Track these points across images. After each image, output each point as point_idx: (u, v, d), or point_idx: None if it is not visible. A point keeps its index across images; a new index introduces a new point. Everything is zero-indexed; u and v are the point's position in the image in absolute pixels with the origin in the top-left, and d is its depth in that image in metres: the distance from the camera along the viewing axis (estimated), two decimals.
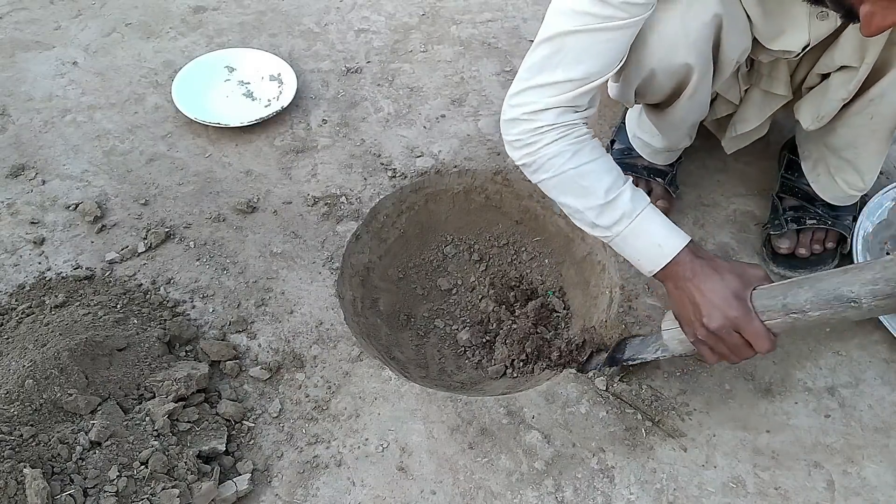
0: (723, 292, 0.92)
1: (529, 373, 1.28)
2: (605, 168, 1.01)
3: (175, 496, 0.92)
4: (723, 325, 0.92)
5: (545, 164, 1.02)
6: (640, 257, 1.01)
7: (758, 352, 0.92)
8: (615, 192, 0.99)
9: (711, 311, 0.93)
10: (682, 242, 0.97)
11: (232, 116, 1.50)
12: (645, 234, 0.99)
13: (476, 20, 1.79)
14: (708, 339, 0.95)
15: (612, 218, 1.00)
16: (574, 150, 1.00)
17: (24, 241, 1.27)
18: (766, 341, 0.91)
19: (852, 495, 1.05)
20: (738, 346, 0.93)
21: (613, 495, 1.03)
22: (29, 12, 1.73)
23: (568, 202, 1.03)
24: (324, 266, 1.28)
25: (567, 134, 1.00)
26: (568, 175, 1.01)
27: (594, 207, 1.00)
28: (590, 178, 1.00)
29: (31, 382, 0.99)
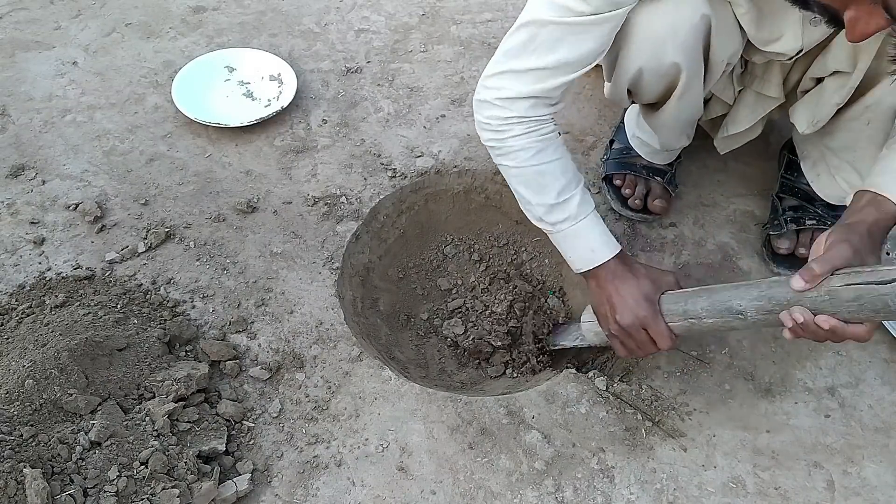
0: (636, 294, 1.02)
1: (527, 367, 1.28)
2: (562, 169, 1.07)
3: (175, 496, 0.92)
4: (632, 323, 1.02)
5: (510, 154, 1.08)
6: (573, 256, 1.11)
7: (660, 348, 1.03)
8: (567, 195, 1.07)
9: (624, 309, 1.03)
10: (613, 252, 1.07)
11: (232, 116, 1.50)
12: (583, 238, 1.08)
13: (476, 20, 1.79)
14: (619, 334, 1.05)
15: (559, 217, 1.08)
16: (539, 148, 1.06)
17: (24, 241, 1.27)
18: (668, 340, 1.01)
19: (852, 495, 1.05)
20: (643, 343, 1.03)
21: (613, 495, 1.03)
22: (29, 12, 1.73)
23: (523, 193, 1.10)
24: (324, 266, 1.28)
25: (535, 130, 1.05)
26: (529, 170, 1.07)
27: (545, 205, 1.08)
28: (547, 178, 1.07)
29: (31, 382, 0.99)
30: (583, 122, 1.53)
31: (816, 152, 1.26)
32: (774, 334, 1.22)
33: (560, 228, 1.08)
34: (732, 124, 1.26)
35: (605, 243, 1.07)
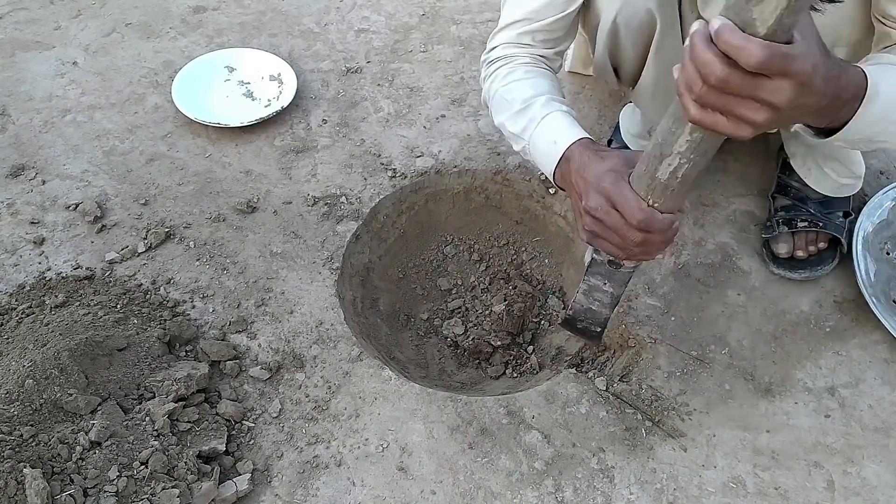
0: (599, 170, 0.86)
1: (530, 372, 1.28)
2: (530, 84, 1.04)
3: (175, 496, 0.92)
4: (597, 203, 0.85)
5: (488, 91, 1.10)
6: (543, 160, 1.00)
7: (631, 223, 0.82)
8: (530, 101, 1.02)
9: (588, 190, 0.87)
10: (574, 137, 0.95)
11: (232, 116, 1.50)
12: (545, 135, 0.99)
13: (476, 20, 1.79)
14: (593, 226, 0.88)
15: (522, 124, 1.02)
16: (508, 72, 1.06)
17: (24, 241, 1.27)
18: (636, 210, 0.81)
19: (852, 495, 1.05)
20: (617, 226, 0.84)
21: (613, 495, 1.03)
22: (29, 12, 1.73)
23: (498, 119, 1.08)
24: (324, 266, 1.28)
25: (507, 63, 1.08)
26: (498, 93, 1.07)
27: (510, 116, 1.04)
28: (513, 93, 1.04)
29: (31, 382, 0.99)
30: (583, 122, 1.51)
31: (803, 148, 1.27)
32: (774, 334, 1.22)
33: (528, 135, 1.02)
34: None
35: (568, 131, 0.97)
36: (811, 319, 1.25)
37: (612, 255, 0.90)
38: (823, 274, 1.28)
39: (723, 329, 1.22)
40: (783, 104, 0.62)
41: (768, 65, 0.58)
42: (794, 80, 0.61)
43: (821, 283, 1.30)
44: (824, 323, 1.25)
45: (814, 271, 1.27)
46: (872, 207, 1.33)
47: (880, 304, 1.22)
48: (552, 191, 1.41)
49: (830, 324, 1.24)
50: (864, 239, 1.29)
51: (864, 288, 1.23)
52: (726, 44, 0.59)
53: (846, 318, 1.25)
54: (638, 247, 0.85)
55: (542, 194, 1.43)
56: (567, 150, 0.95)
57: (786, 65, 0.59)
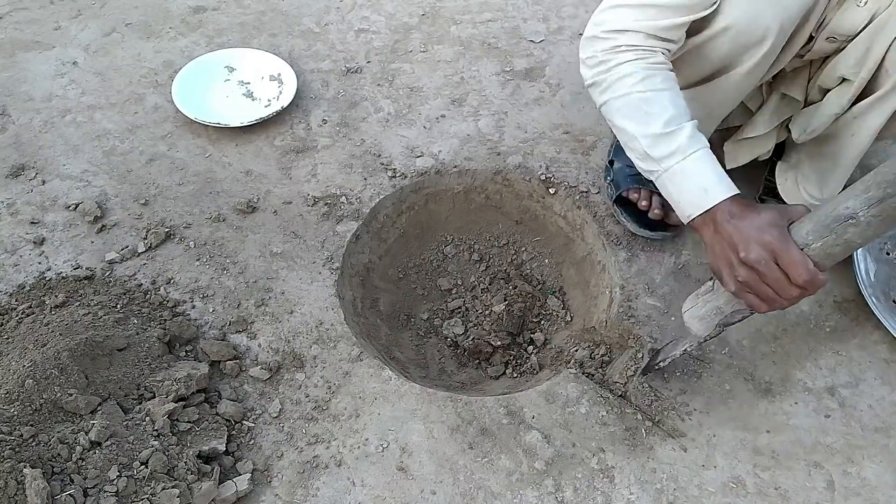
0: (760, 224, 0.87)
1: (530, 372, 1.28)
2: (672, 100, 0.97)
3: (175, 496, 0.92)
4: (759, 256, 0.86)
5: (614, 84, 0.99)
6: (683, 199, 0.97)
7: (796, 282, 0.85)
8: (675, 126, 0.95)
9: (747, 242, 0.87)
10: (729, 192, 0.93)
11: (232, 116, 1.50)
12: (694, 176, 0.95)
13: (476, 20, 1.79)
14: (747, 278, 0.88)
15: (666, 151, 0.96)
16: (647, 74, 0.97)
17: (24, 241, 1.27)
18: (803, 269, 0.83)
19: (852, 495, 1.05)
20: (778, 281, 0.86)
21: (613, 495, 1.03)
22: (29, 12, 1.73)
23: (626, 127, 0.99)
24: (324, 266, 1.28)
25: (644, 57, 0.98)
26: (633, 97, 0.98)
27: (650, 136, 0.96)
28: (655, 106, 0.97)
29: (31, 382, 0.99)
30: (583, 122, 1.53)
31: (795, 157, 1.28)
32: (774, 334, 1.22)
33: (667, 166, 0.96)
34: (750, 127, 1.26)
35: (721, 182, 0.94)
36: (811, 319, 1.25)
37: (754, 306, 0.91)
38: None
39: None
40: None
41: None
42: None
43: None
44: (824, 323, 1.25)
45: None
46: None
47: (880, 304, 1.22)
48: (552, 191, 1.41)
49: (830, 324, 1.25)
50: None
51: (864, 288, 1.23)
52: None
53: (846, 318, 1.25)
54: (790, 301, 0.87)
55: (542, 194, 1.43)
56: (720, 203, 0.93)
57: None
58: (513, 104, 1.58)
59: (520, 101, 1.59)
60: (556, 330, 1.36)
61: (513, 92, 1.61)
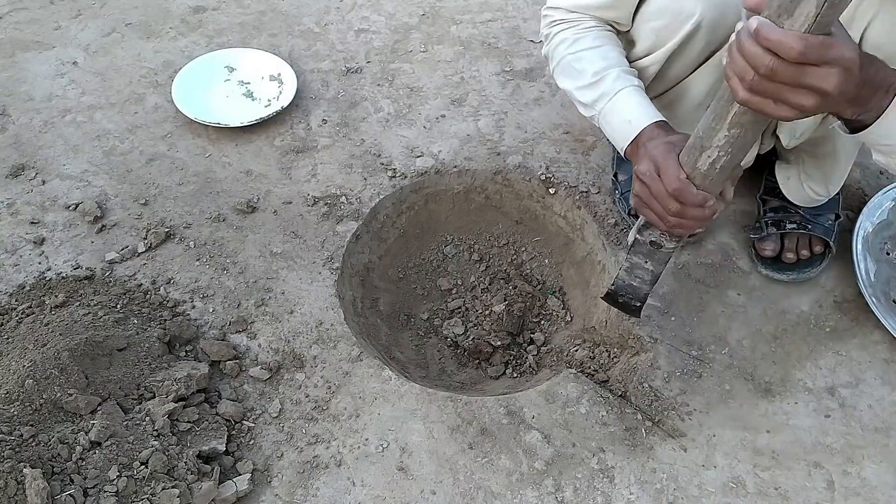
0: (659, 142, 0.93)
1: (530, 372, 1.28)
2: (600, 54, 1.07)
3: (175, 496, 0.92)
4: (646, 168, 0.91)
5: (553, 53, 1.13)
6: (615, 135, 1.04)
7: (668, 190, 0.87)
8: (602, 74, 1.05)
9: (642, 157, 0.94)
10: (649, 119, 0.99)
11: (232, 116, 1.50)
12: (620, 111, 1.03)
13: (476, 20, 1.79)
14: (640, 191, 0.93)
15: (595, 95, 1.06)
16: (575, 38, 1.09)
17: (24, 241, 1.27)
18: (674, 178, 0.86)
19: (852, 495, 1.05)
20: (659, 192, 0.89)
21: (613, 495, 1.03)
22: (29, 12, 1.73)
23: (565, 85, 1.12)
24: (324, 266, 1.28)
25: (573, 25, 1.11)
26: (566, 59, 1.10)
27: (581, 87, 1.08)
28: (583, 63, 1.08)
29: (31, 382, 0.99)
30: (583, 122, 1.53)
31: (793, 155, 1.27)
32: (774, 334, 1.22)
33: (599, 108, 1.06)
34: None
35: (642, 112, 1.01)
36: (811, 319, 1.25)
37: (651, 221, 0.95)
38: (811, 276, 1.28)
39: (723, 329, 1.23)
40: (832, 89, 0.68)
41: (807, 54, 0.65)
42: (839, 66, 0.67)
43: (821, 283, 1.30)
44: (824, 323, 1.25)
45: (801, 273, 1.28)
46: (872, 207, 1.33)
47: (880, 304, 1.22)
48: (552, 191, 1.41)
49: (830, 324, 1.25)
50: (864, 239, 1.29)
51: (864, 288, 1.23)
52: (766, 40, 0.66)
53: (846, 318, 1.25)
54: (673, 217, 0.90)
55: (542, 194, 1.43)
56: (642, 129, 0.99)
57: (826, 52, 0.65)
58: (513, 104, 1.58)
59: (520, 101, 1.59)
60: (556, 330, 1.36)
61: (513, 92, 1.61)
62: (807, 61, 0.66)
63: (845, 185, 1.45)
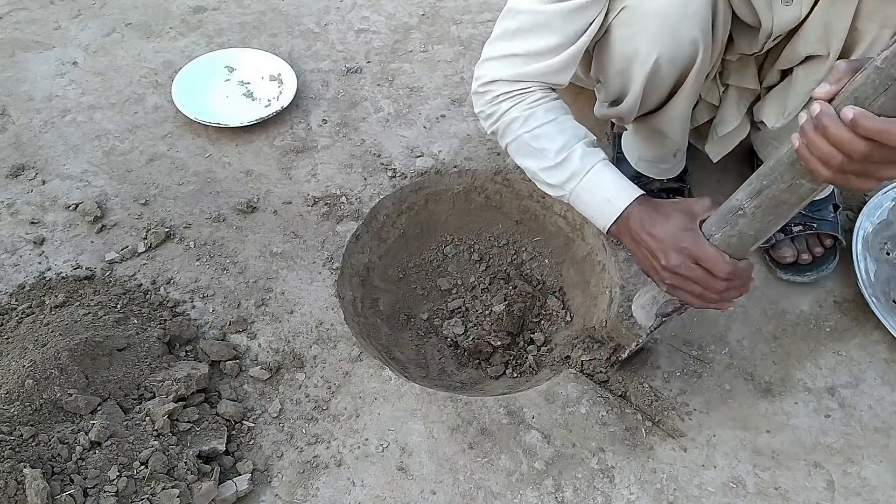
0: (671, 229, 0.92)
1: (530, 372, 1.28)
2: (557, 130, 1.03)
3: (175, 496, 0.92)
4: (679, 261, 0.91)
5: (505, 131, 1.07)
6: (594, 214, 1.02)
7: (718, 276, 0.89)
8: (566, 153, 1.01)
9: (665, 250, 0.92)
10: (631, 197, 0.98)
11: (232, 116, 1.50)
12: (595, 191, 1.00)
13: (476, 20, 1.79)
14: (674, 281, 0.93)
15: (564, 177, 1.02)
16: (528, 115, 1.04)
17: (24, 241, 1.27)
18: (721, 263, 0.88)
19: (852, 495, 1.05)
20: (702, 279, 0.90)
21: (613, 495, 1.03)
22: (29, 12, 1.73)
23: (526, 165, 1.07)
24: (324, 266, 1.28)
25: (521, 101, 1.04)
26: (523, 139, 1.05)
27: (546, 169, 1.03)
28: (542, 141, 1.03)
29: (31, 382, 0.99)
30: (583, 121, 1.51)
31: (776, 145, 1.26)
32: (774, 334, 1.22)
33: (570, 188, 1.02)
34: (721, 125, 1.24)
35: (621, 189, 0.99)
36: (811, 319, 1.25)
37: (688, 303, 0.96)
38: (830, 272, 1.28)
39: (723, 329, 1.23)
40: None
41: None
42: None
43: (821, 282, 1.30)
44: (824, 323, 1.25)
45: (820, 272, 1.27)
46: (872, 207, 1.33)
47: (880, 304, 1.22)
48: None
49: (830, 324, 1.25)
50: (864, 239, 1.29)
51: (864, 288, 1.23)
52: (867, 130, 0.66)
53: (846, 318, 1.25)
54: (720, 294, 0.91)
55: (542, 194, 1.43)
56: (626, 209, 0.97)
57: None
58: None
59: None
60: (556, 330, 1.36)
61: None
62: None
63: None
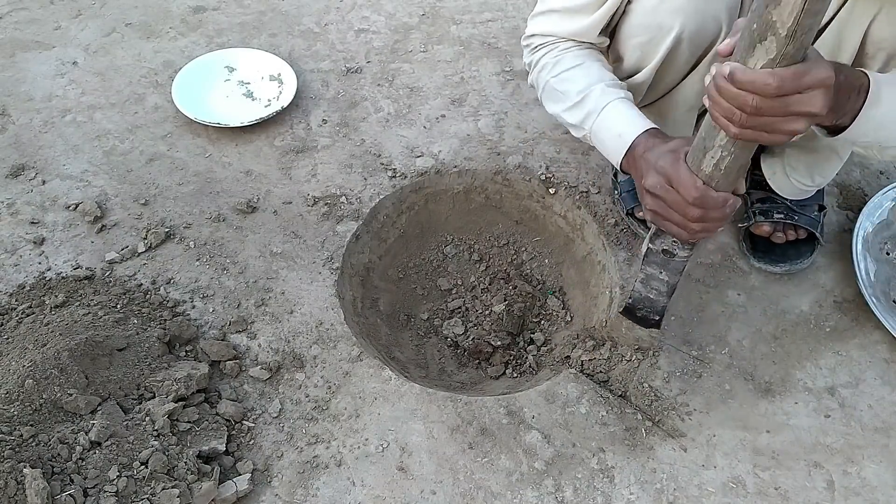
0: (659, 152, 0.92)
1: (530, 372, 1.28)
2: (581, 74, 1.06)
3: (175, 496, 0.92)
4: (655, 181, 0.90)
5: (537, 80, 1.13)
6: (608, 151, 1.04)
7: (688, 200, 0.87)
8: (585, 92, 1.04)
9: (647, 171, 0.92)
10: (639, 130, 0.98)
11: (232, 116, 1.50)
12: (610, 127, 1.02)
13: (476, 20, 1.79)
14: (654, 205, 0.92)
15: (582, 115, 1.05)
16: (555, 62, 1.08)
17: (24, 241, 1.27)
18: (692, 187, 0.86)
19: (852, 495, 1.05)
20: (676, 202, 0.89)
21: (613, 495, 1.03)
22: (29, 12, 1.73)
23: (553, 109, 1.11)
24: (324, 266, 1.28)
25: (550, 50, 1.10)
26: (549, 84, 1.10)
27: (568, 109, 1.07)
28: (565, 84, 1.07)
29: (31, 382, 0.99)
30: None
31: (778, 148, 1.27)
32: (774, 334, 1.22)
33: (588, 126, 1.04)
34: None
35: (632, 123, 1.00)
36: (811, 319, 1.25)
37: (674, 234, 0.94)
38: (803, 268, 1.29)
39: (723, 329, 1.23)
40: (818, 110, 0.72)
41: (784, 87, 0.69)
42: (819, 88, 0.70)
43: (821, 283, 1.30)
44: (824, 323, 1.25)
45: (793, 265, 1.28)
46: (872, 207, 1.33)
47: (880, 304, 1.22)
48: (552, 191, 1.41)
49: (830, 324, 1.25)
50: (864, 239, 1.29)
51: (864, 288, 1.23)
52: (740, 83, 0.70)
53: (846, 318, 1.25)
54: (696, 223, 0.89)
55: (542, 194, 1.43)
56: (634, 141, 0.98)
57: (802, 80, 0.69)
58: (513, 104, 1.58)
59: (520, 101, 1.59)
60: (556, 330, 1.36)
61: (513, 92, 1.61)
62: (786, 93, 0.69)
63: (845, 185, 1.45)
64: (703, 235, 0.93)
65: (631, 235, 1.34)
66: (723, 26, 1.00)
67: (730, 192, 0.87)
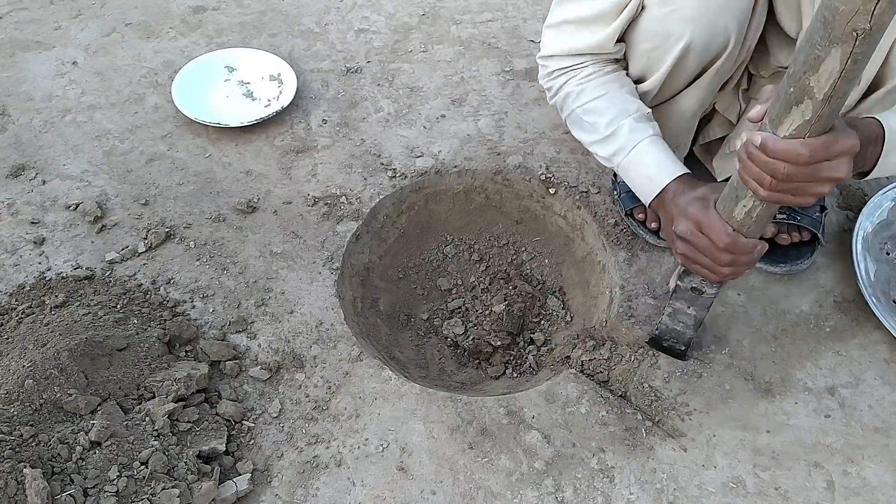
0: (689, 199, 0.96)
1: (530, 372, 1.28)
2: (607, 104, 1.07)
3: (175, 496, 0.92)
4: (686, 228, 0.94)
5: (562, 105, 1.15)
6: (637, 188, 1.07)
7: (718, 246, 0.90)
8: (614, 126, 1.06)
9: (678, 217, 0.96)
10: (669, 177, 1.01)
11: (232, 116, 1.50)
12: (640, 167, 1.05)
13: (476, 20, 1.79)
14: (684, 249, 0.96)
15: (612, 150, 1.07)
16: (580, 91, 1.09)
17: (24, 241, 1.27)
18: (723, 233, 0.89)
19: (852, 495, 1.05)
20: (706, 247, 0.92)
21: (613, 495, 1.03)
22: (29, 12, 1.73)
23: (581, 138, 1.13)
24: (324, 266, 1.28)
25: (575, 75, 1.10)
26: (576, 113, 1.11)
27: (598, 142, 1.09)
28: (593, 115, 1.08)
29: (31, 382, 0.99)
30: None
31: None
32: (774, 334, 1.22)
33: (618, 162, 1.07)
34: (736, 139, 1.25)
35: (663, 168, 1.02)
36: (811, 319, 1.25)
37: (703, 276, 0.98)
38: (803, 268, 1.29)
39: (723, 329, 1.23)
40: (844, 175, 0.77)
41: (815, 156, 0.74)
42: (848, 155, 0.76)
43: (821, 283, 1.30)
44: (824, 323, 1.25)
45: (794, 265, 1.28)
46: (872, 207, 1.33)
47: (880, 304, 1.22)
48: (552, 191, 1.41)
49: (830, 324, 1.25)
50: (864, 239, 1.29)
51: (864, 288, 1.23)
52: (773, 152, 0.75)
53: (846, 318, 1.25)
54: (726, 267, 0.94)
55: (542, 194, 1.43)
56: (665, 186, 1.01)
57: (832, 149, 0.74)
58: (513, 104, 1.58)
59: (520, 101, 1.59)
60: (556, 330, 1.36)
61: (513, 92, 1.61)
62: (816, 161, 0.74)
63: (845, 184, 1.45)
64: (732, 277, 0.96)
65: (631, 236, 1.34)
66: (731, 39, 1.01)
67: (758, 238, 0.91)
